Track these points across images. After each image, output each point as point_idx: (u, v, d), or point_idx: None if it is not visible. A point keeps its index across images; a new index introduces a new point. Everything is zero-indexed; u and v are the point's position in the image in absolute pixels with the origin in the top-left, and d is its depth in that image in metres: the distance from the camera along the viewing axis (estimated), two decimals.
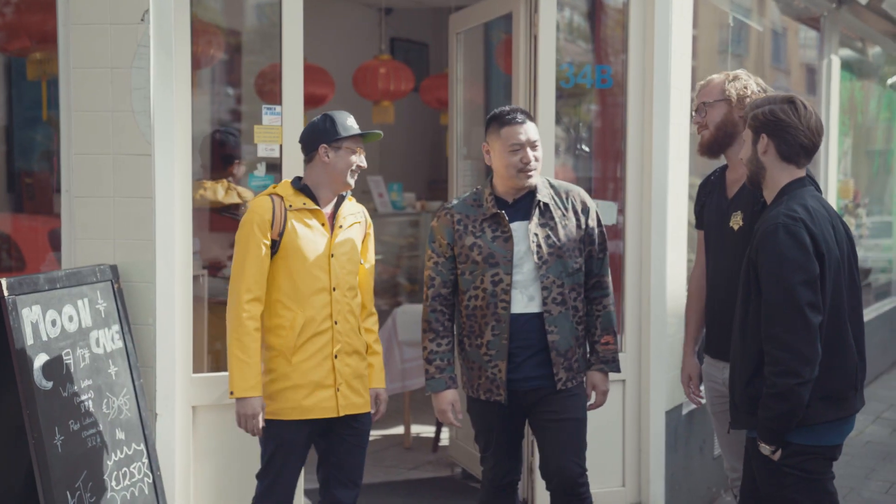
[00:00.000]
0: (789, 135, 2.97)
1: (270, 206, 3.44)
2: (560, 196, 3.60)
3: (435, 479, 5.40)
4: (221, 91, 6.39)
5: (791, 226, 2.84)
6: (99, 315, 3.72)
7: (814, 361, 2.81)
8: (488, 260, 3.52)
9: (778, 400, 2.84)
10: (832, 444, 2.98)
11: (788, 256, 2.82)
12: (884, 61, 9.19)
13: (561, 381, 3.52)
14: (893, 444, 6.53)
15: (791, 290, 2.81)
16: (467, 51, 5.65)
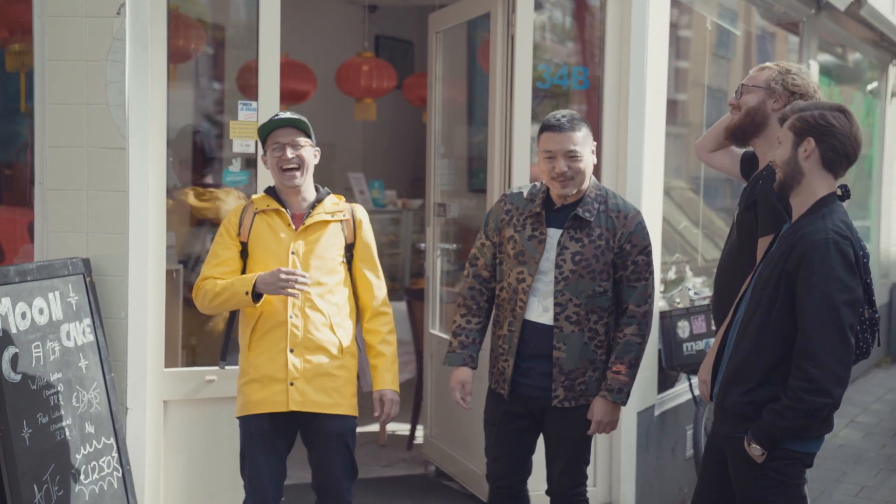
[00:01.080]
0: (838, 141, 2.88)
1: (240, 211, 3.55)
2: (609, 214, 3.45)
3: (408, 476, 5.41)
4: (205, 85, 6.39)
5: (841, 244, 2.79)
6: (70, 308, 3.71)
7: (846, 384, 2.82)
8: (518, 257, 3.50)
9: (801, 415, 2.82)
10: (813, 452, 2.99)
11: (836, 275, 2.76)
12: (867, 67, 9.25)
13: (558, 398, 3.47)
14: (865, 448, 6.58)
15: (836, 310, 2.77)
16: (449, 50, 5.65)
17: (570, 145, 3.40)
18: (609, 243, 3.44)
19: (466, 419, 5.05)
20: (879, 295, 9.52)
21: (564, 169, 3.40)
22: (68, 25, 3.83)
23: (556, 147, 3.41)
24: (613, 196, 3.53)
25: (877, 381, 8.79)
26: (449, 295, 5.61)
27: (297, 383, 3.44)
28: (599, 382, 3.48)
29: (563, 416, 3.51)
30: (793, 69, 3.38)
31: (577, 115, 3.49)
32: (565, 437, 3.54)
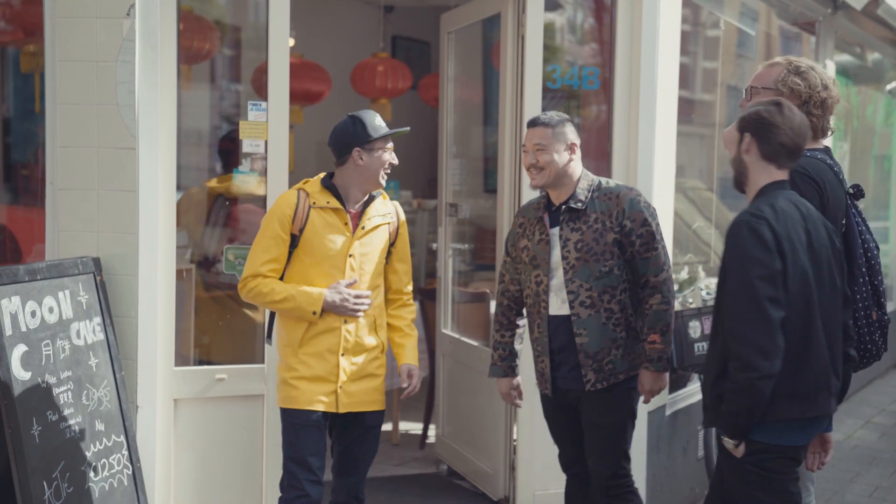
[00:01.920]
0: (771, 133, 3.00)
1: (294, 202, 3.50)
2: (602, 198, 3.60)
3: (420, 475, 5.43)
4: (221, 86, 6.43)
5: (753, 223, 2.88)
6: (80, 307, 3.74)
7: (773, 355, 2.82)
8: (532, 262, 3.67)
9: (738, 394, 2.86)
10: (794, 445, 2.97)
11: (749, 253, 2.86)
12: (890, 66, 9.18)
13: (589, 382, 3.59)
14: (880, 449, 6.53)
15: (751, 285, 2.84)
16: (462, 50, 5.66)
17: (537, 139, 3.61)
18: (606, 224, 3.57)
19: (478, 419, 5.06)
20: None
21: (532, 161, 3.61)
22: (79, 26, 3.87)
23: (527, 141, 3.66)
24: (606, 182, 3.69)
25: (895, 383, 8.71)
26: (461, 295, 5.62)
27: (344, 386, 3.53)
28: (625, 359, 3.59)
29: (593, 405, 3.62)
30: (802, 66, 3.32)
31: (558, 115, 3.67)
32: (596, 424, 3.63)
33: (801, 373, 2.90)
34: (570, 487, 3.85)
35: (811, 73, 3.31)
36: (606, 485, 3.65)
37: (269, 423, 4.17)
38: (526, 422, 4.68)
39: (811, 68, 3.33)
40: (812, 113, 3.25)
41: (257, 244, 3.53)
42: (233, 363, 4.32)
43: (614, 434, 3.62)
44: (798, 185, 3.10)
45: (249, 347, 4.56)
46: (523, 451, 4.69)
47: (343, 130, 3.54)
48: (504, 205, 4.79)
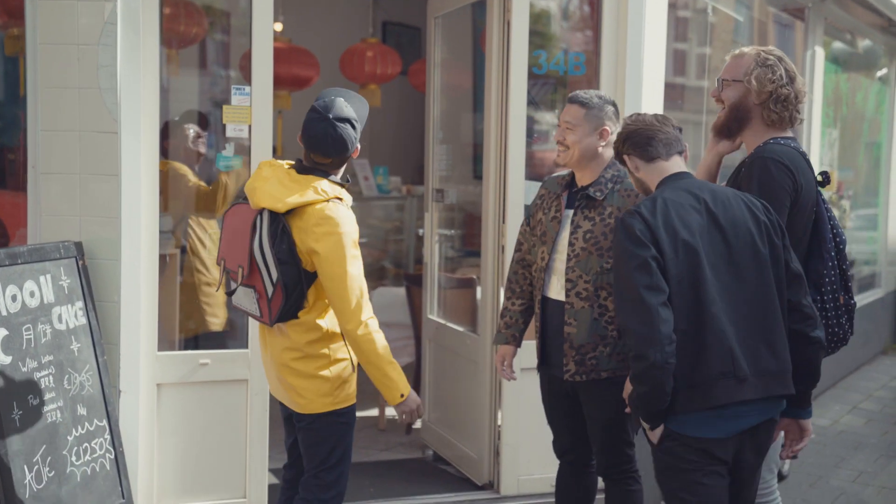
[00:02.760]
0: (638, 136, 3.09)
1: (353, 217, 3.26)
2: (622, 193, 3.54)
3: (405, 460, 5.43)
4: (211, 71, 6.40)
5: (626, 219, 2.92)
6: (62, 291, 3.73)
7: (656, 342, 2.77)
8: (542, 237, 3.66)
9: (636, 382, 2.86)
10: (700, 437, 2.87)
11: (621, 247, 2.90)
12: (881, 53, 9.17)
13: (569, 372, 3.57)
14: (866, 434, 6.56)
15: (627, 277, 2.86)
16: (452, 35, 5.64)
17: (569, 117, 3.58)
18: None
19: (463, 404, 5.07)
20: (887, 282, 9.46)
21: (560, 138, 3.58)
22: (60, 9, 3.85)
23: (561, 117, 3.63)
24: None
25: (882, 369, 8.74)
26: (448, 281, 5.62)
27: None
28: (612, 358, 3.55)
29: (590, 397, 3.60)
30: (770, 59, 3.25)
31: (599, 96, 3.61)
32: (595, 417, 3.62)
33: (696, 362, 2.84)
34: (562, 474, 3.84)
35: (778, 66, 3.25)
36: (607, 472, 3.67)
37: (252, 408, 4.18)
38: (510, 407, 4.69)
39: (779, 60, 3.27)
40: (771, 108, 3.24)
41: (357, 275, 3.21)
42: (217, 348, 4.32)
43: (613, 426, 3.61)
44: (772, 173, 3.06)
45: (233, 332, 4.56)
46: (508, 436, 4.70)
47: (349, 141, 3.25)
48: (489, 191, 4.78)
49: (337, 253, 3.16)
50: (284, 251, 3.17)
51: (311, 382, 3.31)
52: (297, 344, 3.29)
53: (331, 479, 3.40)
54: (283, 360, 3.34)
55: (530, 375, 4.44)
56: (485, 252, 4.84)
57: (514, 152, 4.62)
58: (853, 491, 5.40)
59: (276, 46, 7.42)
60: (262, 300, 3.22)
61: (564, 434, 3.78)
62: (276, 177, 3.24)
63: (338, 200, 3.23)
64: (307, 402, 3.33)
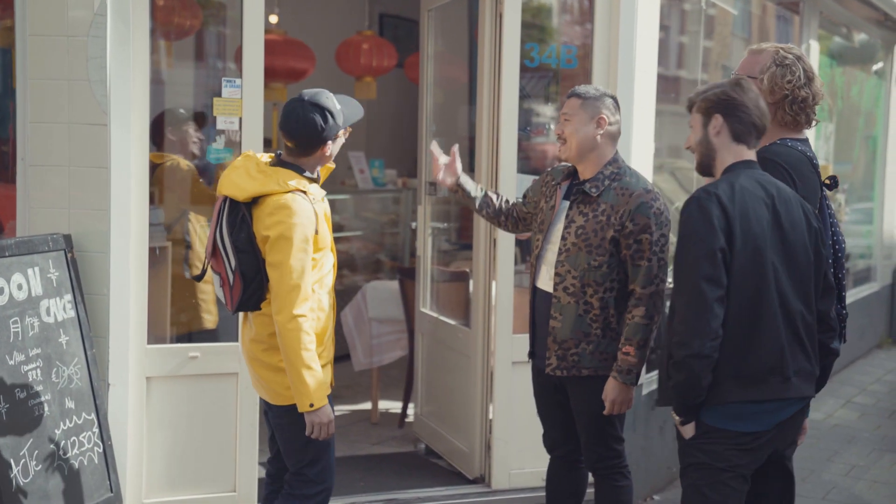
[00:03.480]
0: (743, 113, 2.97)
1: (312, 211, 3.21)
2: (617, 191, 3.50)
3: (397, 454, 5.43)
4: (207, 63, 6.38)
5: (703, 199, 2.86)
6: (50, 284, 3.72)
7: (705, 335, 2.79)
8: (540, 226, 3.67)
9: (675, 369, 2.86)
10: (741, 431, 2.90)
11: (693, 229, 2.85)
12: (875, 48, 9.15)
13: (550, 365, 3.57)
14: (859, 429, 6.56)
15: (691, 263, 2.83)
16: (448, 28, 5.63)
17: (566, 109, 3.59)
18: (611, 219, 3.48)
19: (456, 398, 5.06)
20: (883, 275, 9.46)
21: (559, 131, 3.59)
22: (49, 0, 3.82)
23: (560, 112, 3.64)
24: (631, 175, 3.57)
25: (877, 363, 8.74)
26: (441, 274, 5.61)
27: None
28: (594, 356, 3.53)
29: (578, 392, 3.60)
30: (788, 59, 3.20)
31: (596, 89, 3.61)
32: (581, 411, 3.62)
33: (747, 356, 2.85)
34: (552, 469, 3.84)
35: (796, 66, 3.20)
36: (595, 467, 3.67)
37: (242, 401, 4.17)
38: (502, 401, 4.68)
39: (798, 59, 3.22)
40: (786, 110, 3.19)
41: (302, 267, 3.16)
42: (207, 341, 4.31)
43: (600, 421, 3.60)
44: (769, 172, 3.05)
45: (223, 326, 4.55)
46: (499, 430, 4.70)
47: (314, 127, 3.22)
48: (481, 184, 4.77)
49: (283, 242, 3.14)
50: (243, 240, 3.17)
51: (277, 374, 3.28)
52: (261, 336, 3.30)
53: (314, 474, 3.37)
54: (252, 351, 3.36)
55: (522, 369, 4.44)
56: (476, 245, 4.83)
57: (505, 145, 4.61)
58: (845, 485, 5.40)
59: (272, 39, 7.46)
60: (225, 286, 3.25)
61: (554, 428, 3.78)
62: (245, 167, 3.24)
63: (300, 193, 3.20)
64: (275, 395, 3.32)
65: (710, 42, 6.22)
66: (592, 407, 3.57)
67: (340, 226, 8.12)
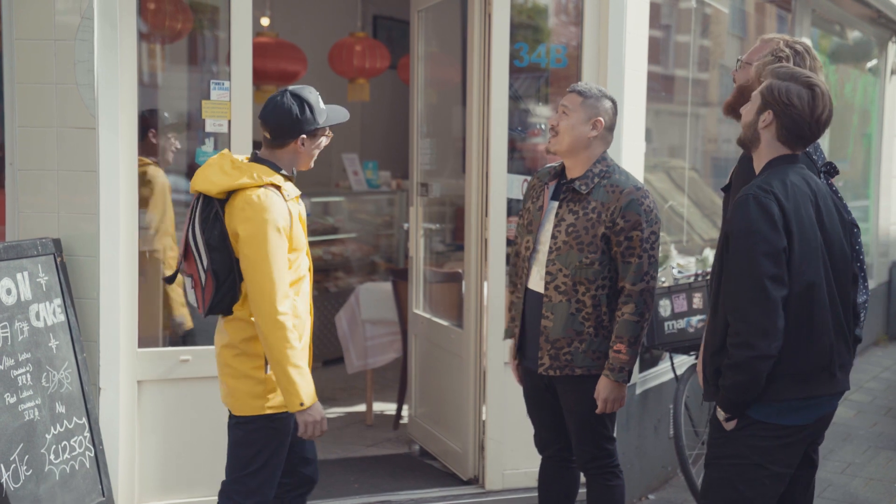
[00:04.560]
0: (794, 122, 2.89)
1: (285, 207, 3.18)
2: (607, 189, 3.51)
3: (392, 456, 5.42)
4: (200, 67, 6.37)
5: (762, 197, 2.81)
6: (40, 288, 3.71)
7: (772, 335, 2.78)
8: (529, 226, 3.66)
9: (735, 371, 2.82)
10: (788, 424, 2.89)
11: (754, 228, 2.79)
12: (869, 45, 9.15)
13: (543, 365, 3.56)
14: (856, 426, 6.55)
15: (754, 262, 2.78)
16: (440, 29, 5.62)
17: (566, 101, 3.58)
18: (601, 217, 3.48)
19: (448, 399, 5.06)
20: (879, 273, 9.46)
21: (554, 122, 3.58)
22: (37, 4, 3.82)
23: (560, 103, 3.62)
24: (620, 172, 3.58)
25: (874, 360, 8.73)
26: (434, 275, 5.61)
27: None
28: (586, 354, 3.53)
29: (568, 392, 3.59)
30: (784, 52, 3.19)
31: (599, 89, 3.61)
32: (572, 411, 3.62)
33: (802, 353, 2.85)
34: (544, 469, 3.84)
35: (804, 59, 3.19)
36: (587, 466, 3.67)
37: None
38: (495, 402, 4.67)
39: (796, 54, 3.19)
40: None
41: (271, 264, 3.10)
42: (198, 344, 4.30)
43: (591, 421, 3.60)
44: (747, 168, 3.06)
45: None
46: (492, 431, 4.69)
47: (289, 114, 3.21)
48: (472, 184, 4.77)
49: (257, 237, 3.08)
50: (216, 237, 3.12)
51: (244, 382, 3.24)
52: (234, 341, 3.25)
53: (253, 486, 3.27)
54: (223, 357, 3.31)
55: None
56: (468, 245, 4.83)
57: (496, 145, 4.60)
58: (841, 482, 5.40)
59: (264, 41, 7.47)
60: (196, 288, 3.19)
61: (545, 428, 3.77)
62: (220, 164, 3.21)
63: (273, 189, 3.16)
64: (238, 404, 3.26)
65: (706, 41, 6.22)
66: (584, 406, 3.56)
67: (335, 228, 8.12)
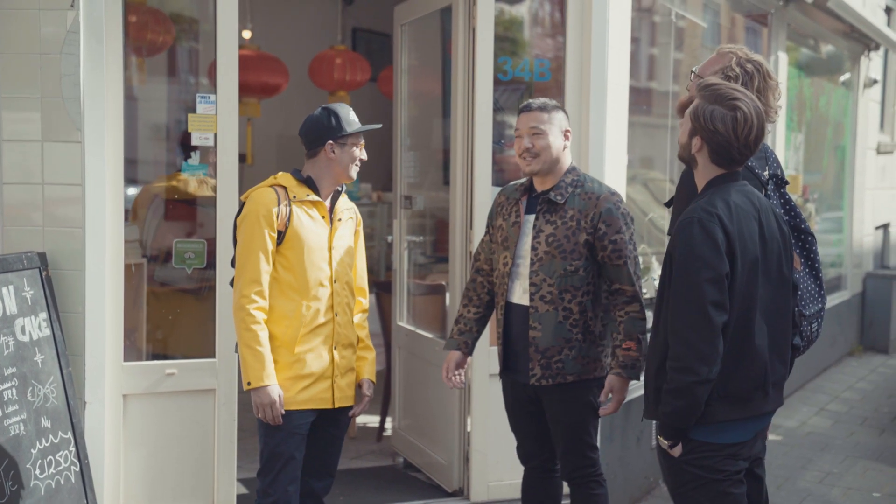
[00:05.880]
0: (721, 147, 2.90)
1: (275, 198, 3.41)
2: (582, 196, 3.57)
3: (376, 468, 5.42)
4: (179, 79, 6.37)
5: (706, 221, 2.80)
6: (25, 303, 3.70)
7: (712, 361, 2.77)
8: (504, 243, 3.67)
9: (674, 396, 2.81)
10: (733, 443, 2.92)
11: (697, 252, 2.78)
12: (844, 58, 9.28)
13: (535, 376, 3.58)
14: (833, 436, 6.63)
15: (697, 287, 2.77)
16: (421, 42, 5.66)
17: (534, 123, 3.59)
18: (581, 224, 3.54)
19: (434, 411, 5.07)
20: (853, 284, 9.57)
21: (528, 145, 3.58)
22: (22, 18, 3.81)
23: (522, 126, 3.61)
24: (591, 181, 3.65)
25: (849, 370, 8.83)
26: (417, 287, 5.63)
27: (337, 380, 3.51)
28: (576, 361, 3.57)
29: (553, 401, 3.62)
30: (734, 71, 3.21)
31: (552, 101, 3.66)
32: (559, 421, 3.64)
33: (736, 374, 2.85)
34: (527, 480, 3.86)
35: (753, 79, 3.22)
36: (571, 476, 3.70)
37: (220, 418, 4.16)
38: (480, 414, 4.70)
39: (756, 70, 3.23)
40: None
41: (248, 250, 3.38)
42: (184, 358, 4.29)
43: (577, 429, 3.63)
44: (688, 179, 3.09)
45: (201, 342, 4.53)
46: (477, 442, 4.71)
47: (317, 122, 3.49)
48: (457, 197, 4.80)
49: (241, 226, 3.42)
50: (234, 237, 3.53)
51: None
52: None
53: (264, 485, 3.44)
54: None
55: (499, 381, 4.46)
56: (452, 258, 4.85)
57: (480, 158, 4.64)
58: (820, 492, 5.46)
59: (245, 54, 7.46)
60: None
61: (529, 440, 3.79)
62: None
63: (278, 187, 3.45)
64: None
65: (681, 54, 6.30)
66: (572, 414, 3.60)
67: None
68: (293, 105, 8.17)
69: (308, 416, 3.48)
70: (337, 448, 3.66)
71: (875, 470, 5.88)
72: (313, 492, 3.61)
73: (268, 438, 3.45)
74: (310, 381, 3.46)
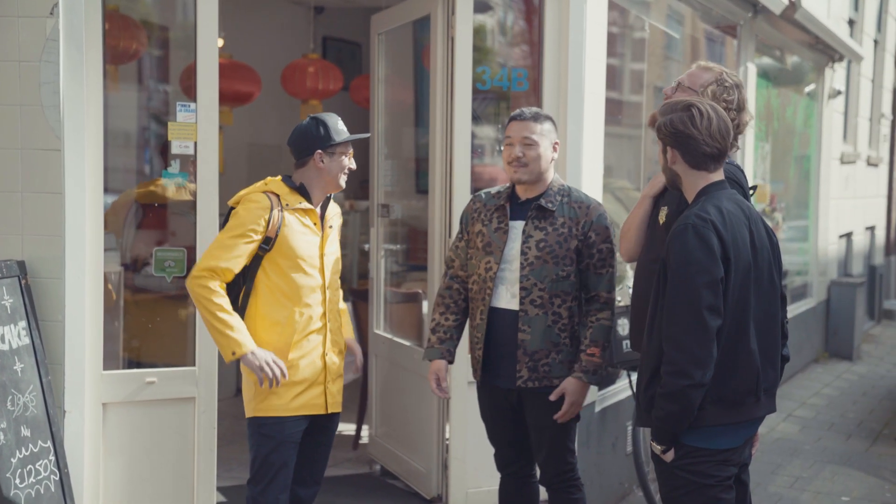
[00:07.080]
0: (689, 145, 2.98)
1: (268, 203, 3.44)
2: (572, 205, 3.65)
3: (353, 476, 5.43)
4: (149, 87, 6.35)
5: (700, 227, 2.85)
6: (4, 311, 3.67)
7: (706, 365, 2.82)
8: (486, 248, 3.69)
9: (668, 400, 2.85)
10: (725, 448, 2.97)
11: (693, 258, 2.83)
12: (809, 69, 9.45)
13: (522, 378, 3.62)
14: (801, 441, 6.73)
15: (693, 292, 2.81)
16: (394, 51, 5.69)
17: (527, 132, 3.62)
18: (572, 231, 3.62)
19: (410, 418, 5.09)
20: (818, 292, 9.72)
21: (519, 154, 3.62)
22: (1, 26, 3.79)
23: (514, 134, 3.65)
24: (575, 190, 3.75)
25: (814, 376, 8.97)
26: (394, 295, 5.65)
27: (329, 386, 3.54)
28: (563, 365, 3.62)
29: (535, 406, 3.66)
30: (728, 83, 3.34)
31: (543, 112, 3.73)
32: (541, 426, 3.67)
33: (729, 379, 2.90)
34: (504, 486, 3.89)
35: (733, 91, 3.34)
36: (552, 481, 3.73)
37: (200, 426, 4.15)
38: (458, 421, 4.72)
39: (737, 87, 3.36)
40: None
41: (222, 240, 3.43)
42: (163, 366, 4.28)
43: (558, 433, 3.67)
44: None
45: (180, 350, 4.52)
46: (456, 449, 4.73)
47: (306, 132, 3.52)
48: (435, 206, 4.83)
49: (238, 214, 3.46)
50: None
51: (246, 384, 3.51)
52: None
53: (254, 493, 3.46)
54: None
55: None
56: (431, 266, 4.88)
57: (459, 167, 4.68)
58: (790, 497, 5.54)
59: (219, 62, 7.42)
60: None
61: (506, 446, 3.82)
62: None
63: (271, 194, 3.47)
64: (244, 406, 3.54)
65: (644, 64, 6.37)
66: (552, 420, 3.63)
67: None
68: (263, 113, 8.16)
69: (301, 424, 3.49)
70: (324, 456, 3.68)
71: (843, 475, 5.99)
72: (300, 499, 3.62)
73: (260, 446, 3.45)
74: (303, 388, 3.47)
